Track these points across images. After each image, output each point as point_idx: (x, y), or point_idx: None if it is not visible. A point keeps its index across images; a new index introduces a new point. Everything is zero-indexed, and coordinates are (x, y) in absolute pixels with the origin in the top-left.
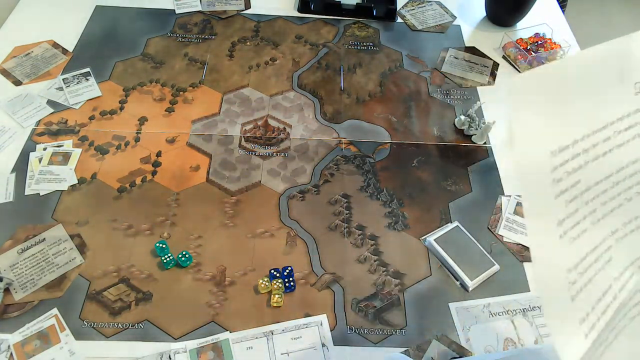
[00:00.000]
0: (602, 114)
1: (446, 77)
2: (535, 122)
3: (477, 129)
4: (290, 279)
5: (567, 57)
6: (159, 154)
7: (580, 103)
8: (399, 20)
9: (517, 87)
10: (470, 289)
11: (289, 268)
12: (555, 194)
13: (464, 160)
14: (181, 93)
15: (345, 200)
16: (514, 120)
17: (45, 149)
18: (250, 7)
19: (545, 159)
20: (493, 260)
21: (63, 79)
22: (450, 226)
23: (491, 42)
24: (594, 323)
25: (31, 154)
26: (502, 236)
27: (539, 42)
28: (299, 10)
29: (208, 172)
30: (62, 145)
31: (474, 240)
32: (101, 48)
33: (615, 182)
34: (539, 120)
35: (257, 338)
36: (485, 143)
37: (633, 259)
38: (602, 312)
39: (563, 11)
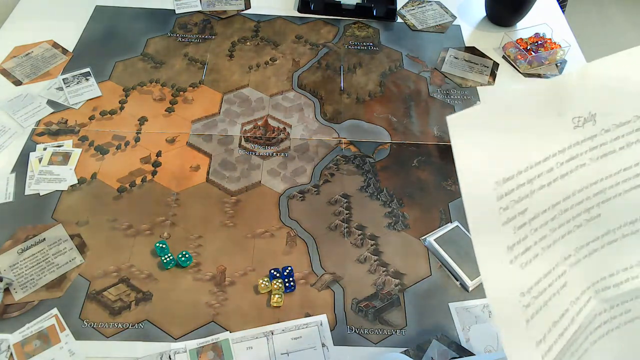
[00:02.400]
0: (543, 147)
1: (446, 77)
2: (478, 155)
3: None
4: (290, 279)
5: (506, 92)
6: (159, 154)
7: (521, 136)
8: (399, 20)
9: (457, 123)
10: (470, 289)
11: (289, 268)
12: (502, 221)
13: None
14: (181, 93)
15: (345, 200)
16: (457, 154)
17: (45, 149)
18: (250, 7)
19: (491, 189)
20: None
21: (63, 79)
22: (450, 226)
23: (491, 42)
24: (550, 345)
25: (31, 154)
26: None
27: (539, 42)
28: (299, 10)
29: (208, 172)
30: (62, 145)
31: None
32: (101, 48)
33: (563, 209)
34: (482, 152)
35: (257, 338)
36: None
37: (589, 283)
38: (560, 335)
39: (563, 11)
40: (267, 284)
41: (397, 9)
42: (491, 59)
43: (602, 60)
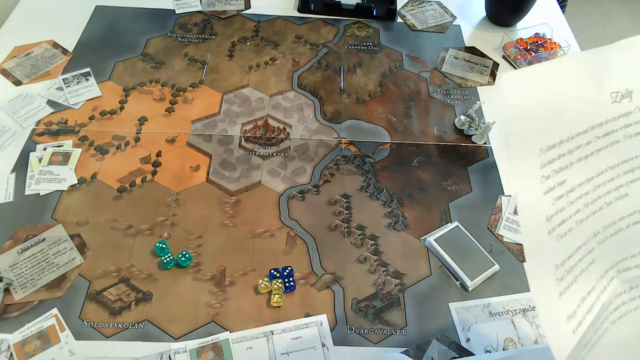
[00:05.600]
0: (584, 118)
1: (446, 77)
2: (526, 119)
3: (477, 129)
4: (290, 279)
5: (551, 60)
6: (159, 154)
7: (564, 105)
8: (399, 20)
9: (514, 82)
10: (470, 289)
11: (289, 268)
12: (544, 190)
13: (464, 160)
14: (181, 93)
15: (345, 200)
16: (509, 117)
17: (45, 149)
18: (250, 7)
19: (535, 155)
20: (493, 260)
21: (63, 79)
22: (450, 226)
23: (491, 42)
24: (580, 320)
25: (31, 154)
26: (502, 236)
27: (539, 42)
28: (299, 10)
29: (208, 172)
30: (62, 145)
31: (474, 240)
32: (101, 48)
33: (596, 185)
34: (530, 117)
35: (257, 338)
36: (485, 143)
37: (613, 262)
38: (587, 311)
39: (563, 11)
40: (267, 284)
41: (397, 9)
42: (491, 59)
43: None
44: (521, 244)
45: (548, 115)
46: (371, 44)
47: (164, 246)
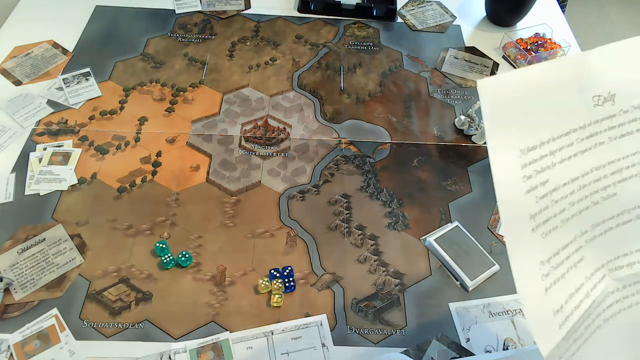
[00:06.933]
0: (565, 121)
1: (446, 77)
2: (505, 122)
3: (477, 129)
4: (290, 279)
5: (531, 66)
6: (159, 154)
7: (545, 108)
8: (399, 20)
9: (487, 87)
10: (470, 289)
11: (289, 268)
12: (526, 189)
13: (464, 160)
14: (181, 93)
15: (345, 200)
16: (486, 119)
17: (45, 149)
18: (250, 7)
19: (516, 156)
20: (493, 260)
21: (63, 79)
22: (450, 226)
23: (491, 42)
24: (567, 316)
25: (31, 154)
26: (502, 236)
27: (539, 42)
28: (299, 10)
29: (208, 172)
30: (62, 145)
31: (474, 240)
32: (101, 48)
33: (582, 185)
34: (510, 119)
35: (257, 338)
36: (485, 143)
37: (603, 261)
38: (575, 307)
39: (563, 11)
40: (267, 284)
41: (397, 9)
42: (491, 59)
43: (623, 41)
44: None
45: (526, 118)
46: (371, 44)
47: (164, 246)
